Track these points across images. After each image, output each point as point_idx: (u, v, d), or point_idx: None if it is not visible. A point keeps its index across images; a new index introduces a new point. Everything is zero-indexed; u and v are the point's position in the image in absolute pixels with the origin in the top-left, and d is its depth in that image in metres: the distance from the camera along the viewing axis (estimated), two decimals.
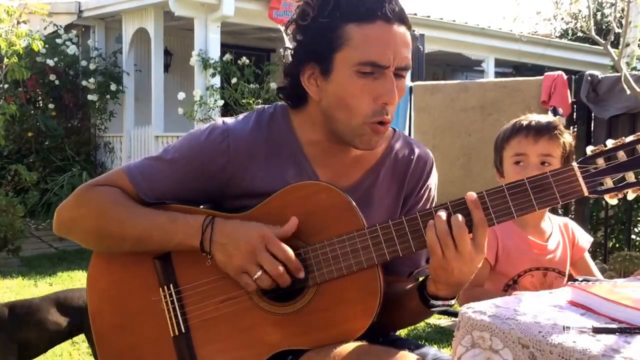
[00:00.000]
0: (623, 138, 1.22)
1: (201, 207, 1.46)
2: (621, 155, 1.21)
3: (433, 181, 1.53)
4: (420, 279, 1.40)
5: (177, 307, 1.37)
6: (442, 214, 1.24)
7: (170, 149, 1.44)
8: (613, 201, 1.24)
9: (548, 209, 1.91)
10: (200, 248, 1.33)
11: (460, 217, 1.23)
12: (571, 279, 1.86)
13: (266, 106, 1.49)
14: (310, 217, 1.33)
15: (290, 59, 1.40)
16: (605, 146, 1.22)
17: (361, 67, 1.30)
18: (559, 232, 1.97)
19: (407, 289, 1.41)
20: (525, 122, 1.89)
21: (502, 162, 1.93)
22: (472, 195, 1.24)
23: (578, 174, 1.22)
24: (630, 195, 1.22)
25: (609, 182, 1.22)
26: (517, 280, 1.89)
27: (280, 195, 1.35)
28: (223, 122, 1.44)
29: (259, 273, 1.29)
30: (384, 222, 1.30)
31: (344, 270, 1.30)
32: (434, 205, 1.48)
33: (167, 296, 1.38)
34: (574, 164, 1.23)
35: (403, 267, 1.48)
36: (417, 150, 1.51)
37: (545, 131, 1.85)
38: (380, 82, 1.31)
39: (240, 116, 1.48)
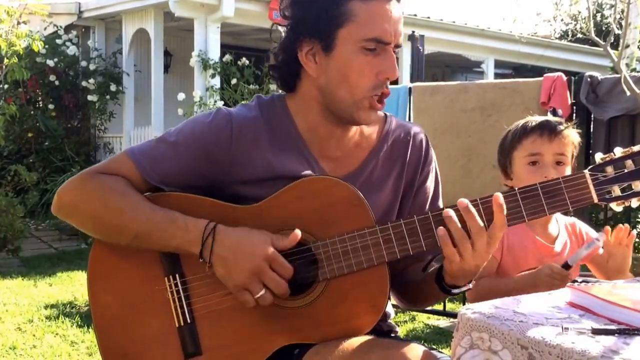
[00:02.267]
0: (632, 147, 1.23)
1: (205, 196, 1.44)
2: (629, 164, 1.22)
3: (433, 156, 1.55)
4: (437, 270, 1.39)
5: (182, 297, 1.36)
6: (456, 220, 1.25)
7: (174, 131, 1.44)
8: (619, 209, 1.25)
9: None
10: (199, 256, 1.32)
11: (477, 218, 1.24)
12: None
13: (264, 95, 1.50)
14: (321, 211, 1.33)
15: (285, 35, 1.39)
16: (615, 154, 1.23)
17: (366, 43, 1.32)
18: (566, 234, 1.96)
19: (424, 278, 1.43)
20: (536, 122, 1.88)
21: (512, 164, 1.90)
22: (499, 196, 1.24)
23: (589, 181, 1.23)
24: (635, 204, 1.23)
25: (616, 190, 1.23)
26: None
27: (291, 188, 1.35)
28: (226, 108, 1.45)
29: (263, 292, 1.29)
30: (389, 213, 1.31)
31: (354, 267, 1.31)
32: (439, 180, 1.54)
33: (173, 286, 1.37)
34: (586, 171, 1.24)
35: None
36: (412, 131, 1.52)
37: (559, 130, 1.85)
38: (382, 57, 1.34)
39: (240, 104, 1.49)
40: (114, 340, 1.41)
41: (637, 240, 4.97)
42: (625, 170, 1.22)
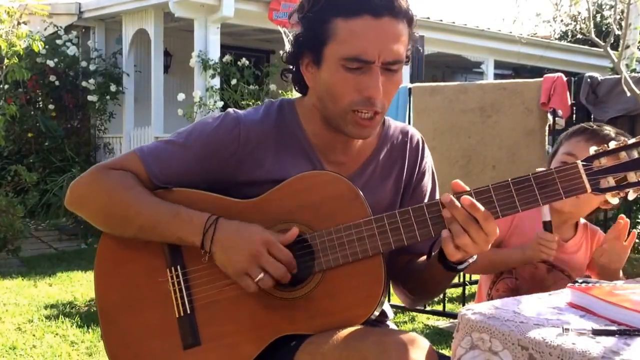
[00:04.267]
0: (625, 139, 1.25)
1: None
2: (623, 156, 1.23)
3: (429, 157, 1.59)
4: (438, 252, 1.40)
5: (183, 288, 1.40)
6: (458, 204, 1.26)
7: (183, 132, 1.48)
8: (614, 200, 1.27)
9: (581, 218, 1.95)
10: (200, 246, 1.36)
11: (479, 205, 1.26)
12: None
13: (273, 100, 1.54)
14: (318, 205, 1.36)
15: (291, 48, 1.44)
16: (608, 146, 1.24)
17: (346, 62, 1.32)
18: (584, 237, 1.97)
19: (427, 264, 1.44)
20: (589, 127, 1.88)
21: (554, 157, 1.93)
22: (467, 199, 1.26)
23: (582, 171, 1.25)
24: (631, 195, 1.24)
25: (611, 181, 1.24)
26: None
27: (289, 183, 1.38)
28: (234, 111, 1.49)
29: (262, 275, 1.31)
30: (390, 211, 1.33)
31: (350, 257, 1.32)
32: (436, 180, 1.58)
33: (174, 277, 1.40)
34: (578, 161, 1.26)
35: (423, 245, 1.47)
36: (409, 132, 1.57)
37: (600, 139, 1.83)
38: (366, 76, 1.32)
39: (249, 108, 1.53)
40: (116, 331, 1.45)
41: (637, 240, 4.97)
42: (620, 162, 1.23)
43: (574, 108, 4.46)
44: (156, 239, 1.41)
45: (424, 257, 1.49)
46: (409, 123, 4.92)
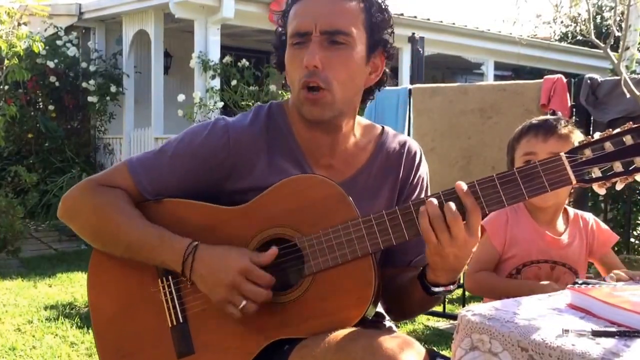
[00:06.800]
0: (610, 130, 1.24)
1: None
2: (608, 146, 1.22)
3: (424, 170, 1.58)
4: (422, 268, 1.42)
5: (175, 297, 1.40)
6: (434, 201, 1.27)
7: (173, 142, 1.48)
8: (601, 191, 1.26)
9: (565, 204, 1.96)
10: (181, 274, 1.37)
11: (452, 204, 1.26)
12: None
13: (262, 104, 1.54)
14: (306, 209, 1.36)
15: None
16: (593, 138, 1.23)
17: (292, 39, 1.41)
18: (576, 228, 1.97)
19: (410, 279, 1.44)
20: (535, 122, 1.90)
21: (514, 164, 1.93)
22: (461, 184, 1.27)
23: (566, 163, 1.24)
24: (619, 185, 1.23)
25: (596, 172, 1.23)
26: (521, 270, 1.89)
27: (276, 188, 1.38)
28: (223, 118, 1.49)
29: (244, 303, 1.31)
30: (377, 212, 1.33)
31: (339, 260, 1.32)
32: (427, 193, 1.56)
33: (166, 287, 1.41)
34: (562, 153, 1.25)
35: (406, 257, 1.52)
36: (406, 143, 1.57)
37: (555, 130, 1.85)
38: (305, 49, 1.39)
39: (240, 114, 1.53)
40: (110, 341, 1.45)
41: (637, 242, 4.98)
42: (604, 152, 1.23)
43: (574, 109, 4.46)
44: (142, 260, 1.41)
45: (407, 275, 1.49)
46: (409, 124, 4.93)
